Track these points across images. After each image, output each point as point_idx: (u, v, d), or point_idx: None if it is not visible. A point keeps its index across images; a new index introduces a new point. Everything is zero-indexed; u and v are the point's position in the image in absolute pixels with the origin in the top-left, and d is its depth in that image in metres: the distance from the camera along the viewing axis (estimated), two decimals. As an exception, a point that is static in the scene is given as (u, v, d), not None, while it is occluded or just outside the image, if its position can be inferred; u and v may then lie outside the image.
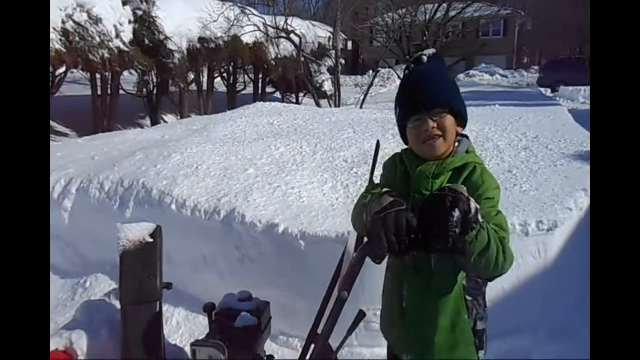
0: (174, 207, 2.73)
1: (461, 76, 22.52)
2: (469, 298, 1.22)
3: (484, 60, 26.94)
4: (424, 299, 1.21)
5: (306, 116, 5.39)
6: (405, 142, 1.31)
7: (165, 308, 2.86)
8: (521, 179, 2.98)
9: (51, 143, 8.43)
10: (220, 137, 4.32)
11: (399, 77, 14.56)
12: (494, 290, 2.28)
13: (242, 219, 2.49)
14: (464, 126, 1.27)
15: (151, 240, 1.69)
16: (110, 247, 3.02)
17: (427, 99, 1.19)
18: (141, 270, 1.66)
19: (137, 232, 1.79)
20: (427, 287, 1.20)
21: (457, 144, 1.26)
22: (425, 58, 1.27)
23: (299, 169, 3.29)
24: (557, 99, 12.53)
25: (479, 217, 1.02)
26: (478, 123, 5.13)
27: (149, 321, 1.52)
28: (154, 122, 10.73)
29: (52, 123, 10.72)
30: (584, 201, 2.68)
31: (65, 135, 10.41)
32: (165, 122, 11.10)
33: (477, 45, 20.80)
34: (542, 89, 15.12)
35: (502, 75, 23.62)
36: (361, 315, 1.33)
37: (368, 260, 1.10)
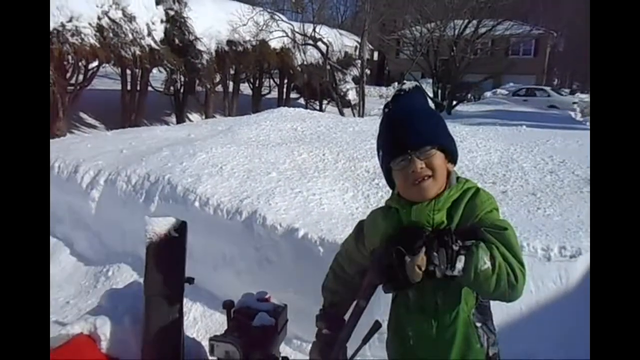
0: (197, 204, 2.79)
1: (488, 94, 22.30)
2: (478, 324, 1.17)
3: (512, 79, 26.61)
4: (431, 334, 1.17)
5: (329, 124, 5.43)
6: (391, 186, 1.25)
7: (183, 302, 2.92)
8: (545, 203, 2.95)
9: (80, 134, 8.67)
10: (244, 139, 4.38)
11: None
12: (510, 313, 2.26)
13: (263, 221, 2.52)
14: (454, 162, 1.19)
15: (176, 235, 1.72)
16: (134, 239, 3.10)
17: (412, 137, 1.11)
18: (166, 264, 1.69)
19: (164, 226, 1.82)
20: (433, 324, 1.16)
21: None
22: (406, 90, 1.21)
23: (321, 176, 3.32)
24: (586, 123, 12.31)
25: (452, 240, 1.00)
26: (503, 142, 5.07)
27: (170, 314, 1.54)
28: (179, 120, 10.94)
29: (82, 115, 11.02)
30: (609, 229, 2.63)
31: (94, 127, 10.70)
32: (190, 120, 11.31)
33: (506, 64, 20.51)
34: (572, 113, 14.87)
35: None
36: (377, 325, 1.33)
37: None
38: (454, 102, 13.62)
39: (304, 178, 3.21)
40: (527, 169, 3.97)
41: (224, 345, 1.43)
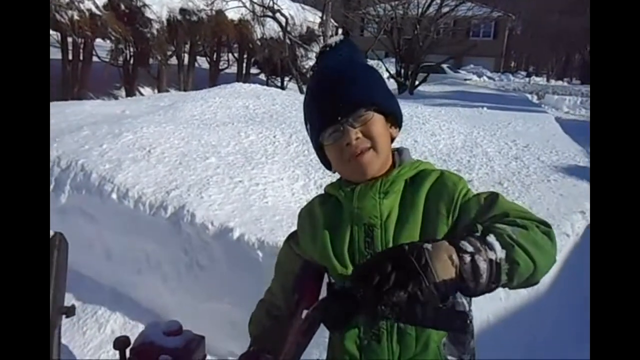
0: (114, 196, 2.33)
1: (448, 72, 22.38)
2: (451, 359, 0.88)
3: (473, 61, 26.88)
4: None
5: (286, 102, 5.00)
6: (327, 166, 0.97)
7: (100, 312, 2.48)
8: (513, 194, 2.69)
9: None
10: (186, 117, 3.89)
11: (387, 69, 14.21)
12: (477, 321, 1.99)
13: (191, 219, 2.12)
14: (398, 126, 0.94)
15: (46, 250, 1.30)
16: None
17: (341, 100, 0.85)
18: (29, 292, 1.27)
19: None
20: (392, 357, 0.87)
21: (396, 154, 0.94)
22: (332, 45, 0.92)
23: (268, 162, 2.92)
24: (543, 106, 12.45)
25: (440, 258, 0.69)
26: (466, 125, 4.86)
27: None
28: (129, 94, 10.12)
29: (14, 85, 9.99)
30: (581, 225, 2.40)
31: (29, 100, 9.72)
32: (141, 94, 10.51)
33: (467, 45, 20.56)
34: (529, 95, 15.05)
35: (489, 77, 23.62)
36: None
37: None
38: (417, 82, 13.41)
39: (248, 164, 2.80)
40: (491, 154, 3.74)
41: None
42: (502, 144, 4.15)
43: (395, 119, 0.93)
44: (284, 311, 1.04)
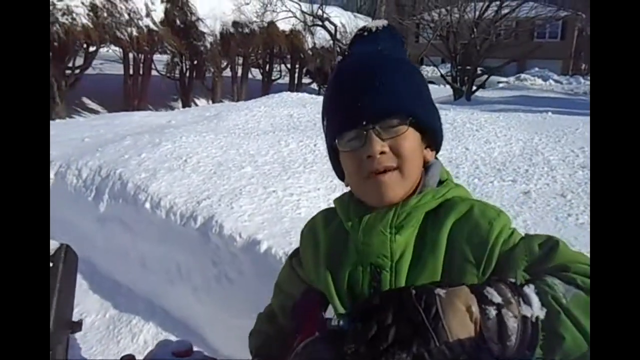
0: (147, 205, 2.32)
1: (511, 79, 21.26)
2: None
3: (538, 64, 25.43)
4: None
5: (331, 110, 4.90)
6: (340, 175, 0.80)
7: (134, 321, 2.47)
8: (577, 208, 2.38)
9: (77, 119, 8.32)
10: (229, 126, 3.89)
11: (442, 75, 13.75)
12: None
13: (219, 230, 2.04)
14: (436, 149, 0.76)
15: (50, 264, 1.25)
16: (84, 243, 2.67)
17: (372, 101, 0.67)
18: (33, 306, 1.22)
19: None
20: None
21: (422, 171, 0.75)
22: (370, 30, 0.73)
23: (306, 171, 2.80)
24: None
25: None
26: (526, 131, 4.49)
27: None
28: (185, 105, 10.56)
29: (84, 99, 10.72)
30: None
31: (96, 112, 10.39)
32: (196, 105, 10.90)
33: (531, 47, 19.44)
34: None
35: (556, 81, 22.16)
36: None
37: None
38: (474, 88, 12.83)
39: (284, 173, 2.70)
40: (554, 163, 3.38)
41: None
42: (567, 151, 3.75)
43: (433, 139, 0.75)
44: (283, 335, 0.91)
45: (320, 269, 0.76)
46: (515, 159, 3.47)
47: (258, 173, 2.65)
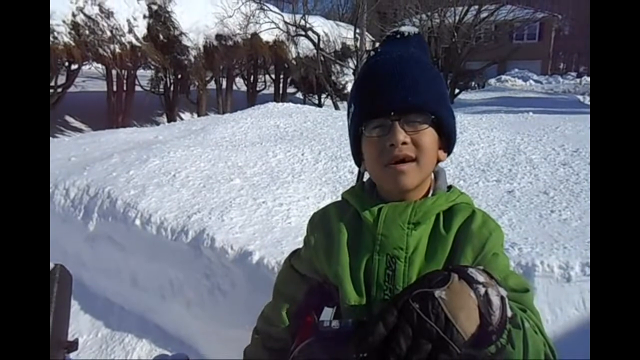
0: (138, 222, 2.32)
1: (492, 80, 21.61)
2: None
3: (517, 65, 25.89)
4: None
5: (317, 119, 4.93)
6: (357, 162, 0.87)
7: (127, 339, 2.46)
8: (560, 204, 2.44)
9: (62, 138, 8.25)
10: (216, 139, 3.91)
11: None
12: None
13: (211, 243, 2.05)
14: (449, 150, 0.83)
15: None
16: (74, 263, 2.66)
17: (403, 94, 0.74)
18: (31, 327, 1.23)
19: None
20: None
21: (432, 176, 0.83)
22: (403, 34, 0.81)
23: (294, 180, 2.83)
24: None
25: (507, 313, 0.56)
26: (508, 132, 4.58)
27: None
28: (170, 120, 10.51)
29: (67, 118, 10.62)
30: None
31: (80, 130, 10.29)
32: (182, 119, 10.87)
33: (510, 49, 19.84)
34: (580, 96, 14.22)
35: (535, 81, 22.61)
36: None
37: None
38: (457, 91, 13.05)
39: (273, 184, 2.73)
40: (536, 161, 3.46)
41: None
42: (548, 149, 3.84)
43: (447, 142, 0.82)
44: (284, 343, 0.94)
45: (334, 253, 0.81)
46: (499, 159, 3.54)
47: (247, 185, 2.67)
